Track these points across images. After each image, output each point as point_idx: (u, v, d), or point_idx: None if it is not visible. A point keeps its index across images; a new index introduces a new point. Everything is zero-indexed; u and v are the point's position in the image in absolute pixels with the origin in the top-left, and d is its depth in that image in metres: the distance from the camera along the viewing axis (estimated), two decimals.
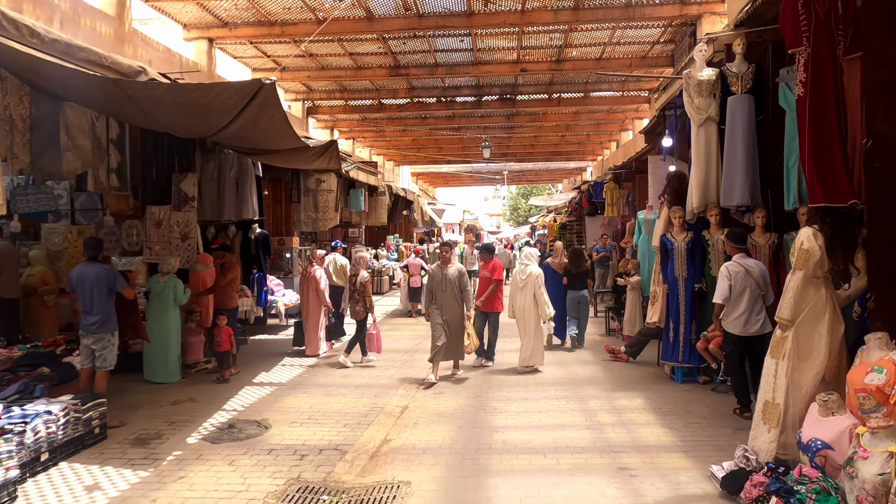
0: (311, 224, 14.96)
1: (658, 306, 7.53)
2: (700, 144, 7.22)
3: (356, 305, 8.91)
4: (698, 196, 7.19)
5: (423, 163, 28.64)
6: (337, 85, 17.13)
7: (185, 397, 7.11)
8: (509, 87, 17.29)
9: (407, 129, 21.36)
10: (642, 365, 8.31)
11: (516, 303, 8.43)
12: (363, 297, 8.87)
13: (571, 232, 21.50)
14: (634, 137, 19.64)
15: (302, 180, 14.98)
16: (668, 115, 10.08)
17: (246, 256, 11.17)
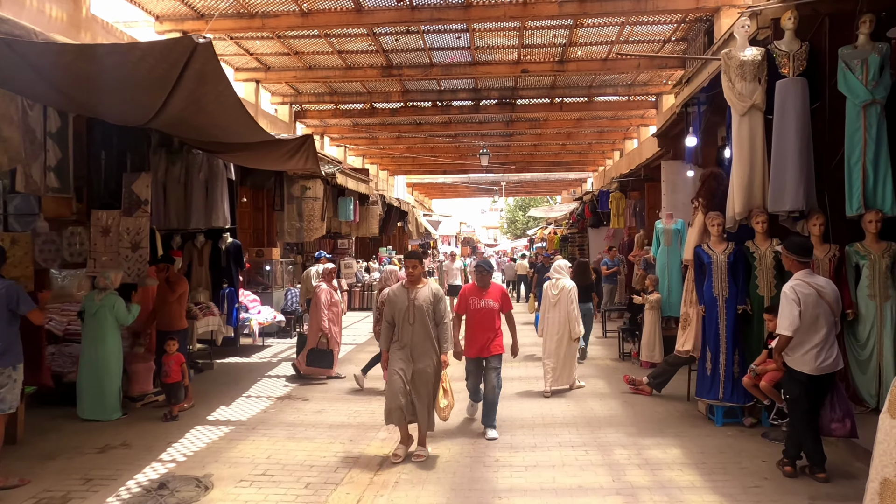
0: (296, 234, 13.68)
1: (692, 332, 6.19)
2: (743, 137, 5.93)
3: (377, 325, 7.62)
4: (741, 199, 5.89)
5: (418, 173, 27.37)
6: (326, 87, 15.88)
7: (119, 441, 5.73)
8: (509, 90, 16.07)
9: (401, 135, 20.11)
10: (669, 400, 6.95)
11: (548, 321, 7.63)
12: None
13: (573, 244, 20.21)
14: (640, 146, 18.41)
15: (286, 187, 13.71)
16: (690, 112, 8.83)
17: (216, 269, 9.83)
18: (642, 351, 8.67)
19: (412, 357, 5.25)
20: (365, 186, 15.80)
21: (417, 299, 5.25)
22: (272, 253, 12.12)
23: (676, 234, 8.89)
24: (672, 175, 11.78)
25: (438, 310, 5.32)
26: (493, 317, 6.01)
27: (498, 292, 6.08)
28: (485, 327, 5.99)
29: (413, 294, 5.30)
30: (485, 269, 6.13)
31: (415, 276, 5.36)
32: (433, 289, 5.42)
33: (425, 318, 5.23)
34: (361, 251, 19.88)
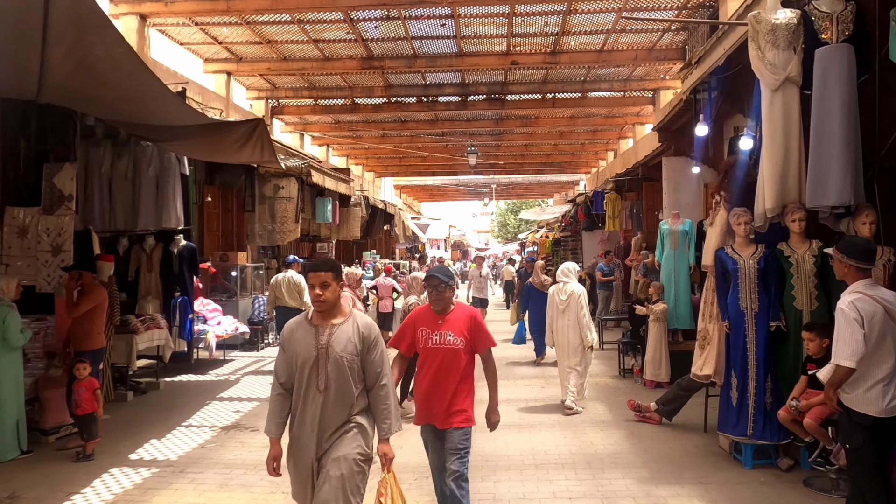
0: (267, 237, 12.49)
1: (712, 353, 5.07)
2: (775, 118, 4.82)
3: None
4: (773, 192, 4.78)
5: (406, 174, 26.22)
6: (304, 81, 14.71)
7: (6, 492, 4.54)
8: (498, 85, 14.95)
9: (386, 134, 18.96)
10: (683, 431, 5.83)
11: (558, 328, 6.93)
12: None
13: (566, 248, 19.12)
14: (636, 145, 17.35)
15: (257, 186, 12.53)
16: (700, 100, 7.74)
17: (168, 276, 8.64)
18: (646, 368, 7.55)
19: (317, 455, 2.99)
20: (345, 186, 14.63)
21: (332, 344, 3.01)
22: (238, 257, 10.91)
23: (684, 235, 7.80)
24: (674, 173, 10.72)
25: (372, 363, 3.07)
26: (455, 360, 3.57)
27: (464, 319, 3.64)
28: (442, 377, 3.58)
29: (329, 335, 3.03)
30: (440, 279, 3.60)
31: (327, 300, 3.03)
32: (362, 323, 3.12)
33: (345, 379, 3.01)
34: (344, 255, 18.70)
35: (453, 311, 3.68)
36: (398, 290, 10.86)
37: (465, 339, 3.62)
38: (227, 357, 9.78)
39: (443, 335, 3.61)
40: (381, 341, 3.18)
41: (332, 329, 3.06)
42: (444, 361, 3.60)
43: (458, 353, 3.60)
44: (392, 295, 10.98)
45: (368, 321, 3.21)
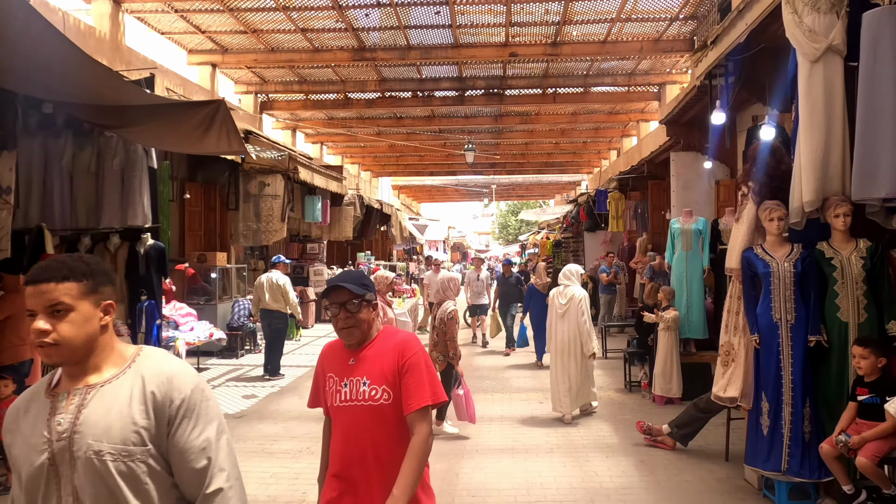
0: (252, 236, 11.77)
1: (738, 371, 4.27)
2: (815, 94, 4.03)
3: (433, 350, 5.80)
4: (812, 183, 3.98)
5: (404, 174, 25.45)
6: (294, 74, 13.96)
7: None
8: (497, 79, 14.17)
9: (382, 131, 18.20)
10: (700, 459, 5.03)
11: (556, 335, 6.37)
12: (445, 339, 5.74)
13: (567, 250, 18.32)
14: (640, 143, 16.56)
15: (241, 183, 11.82)
16: (715, 86, 6.95)
17: (134, 278, 7.88)
18: (655, 382, 6.75)
19: None
20: (337, 185, 13.88)
21: (80, 430, 1.54)
22: (217, 258, 10.14)
23: (697, 235, 7.00)
24: (683, 169, 9.94)
25: (183, 453, 1.60)
26: (377, 426, 2.20)
27: (389, 354, 2.24)
28: (357, 459, 2.20)
29: (69, 413, 1.56)
30: (348, 292, 2.25)
31: (59, 343, 1.54)
32: (152, 375, 1.63)
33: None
34: (338, 256, 17.95)
35: (375, 341, 2.26)
36: None
37: (391, 388, 2.18)
38: (201, 365, 9.02)
39: (354, 385, 2.19)
40: (204, 402, 1.69)
41: (83, 397, 1.57)
42: (358, 429, 2.17)
43: (382, 412, 2.16)
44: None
45: (170, 368, 1.67)
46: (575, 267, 6.58)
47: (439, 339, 5.78)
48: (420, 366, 2.21)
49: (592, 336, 6.36)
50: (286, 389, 7.66)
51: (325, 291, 2.31)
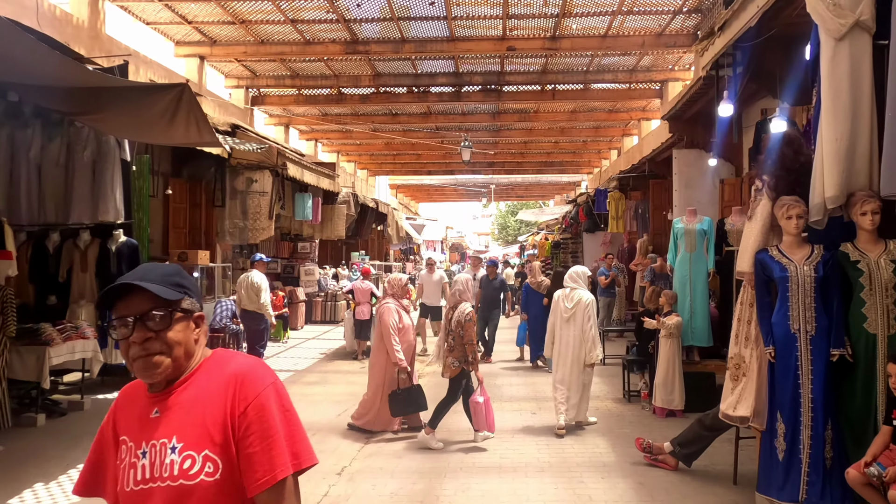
0: (238, 234, 11.29)
1: (750, 387, 3.79)
2: (839, 76, 3.56)
3: (449, 356, 5.43)
4: (835, 176, 3.52)
5: (401, 173, 24.99)
6: (286, 68, 13.50)
7: None
8: (494, 75, 13.71)
9: (377, 128, 17.72)
10: (706, 482, 4.55)
11: (560, 340, 5.95)
12: (462, 343, 5.36)
13: (566, 251, 17.86)
14: (641, 142, 16.09)
15: (228, 179, 11.34)
16: (723, 77, 6.48)
17: (105, 277, 7.42)
18: (656, 393, 6.28)
19: None
20: (329, 182, 13.40)
21: None
22: (199, 256, 9.67)
23: (702, 236, 6.53)
24: (686, 167, 9.48)
25: None
26: None
27: (221, 405, 1.39)
28: None
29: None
30: (155, 295, 1.39)
31: None
32: None
33: None
34: (332, 256, 17.49)
35: (193, 378, 1.45)
36: (376, 295, 9.63)
37: (219, 454, 1.37)
38: None
39: (156, 453, 1.38)
40: None
41: None
42: None
43: (202, 498, 1.35)
44: (370, 300, 9.74)
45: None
46: (582, 269, 6.16)
47: (456, 343, 5.44)
48: (270, 413, 1.38)
49: (597, 344, 5.95)
50: (340, 401, 7.19)
51: (103, 295, 1.42)
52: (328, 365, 9.16)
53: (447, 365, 5.46)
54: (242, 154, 11.07)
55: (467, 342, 5.35)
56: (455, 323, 5.40)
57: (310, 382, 7.93)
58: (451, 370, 5.42)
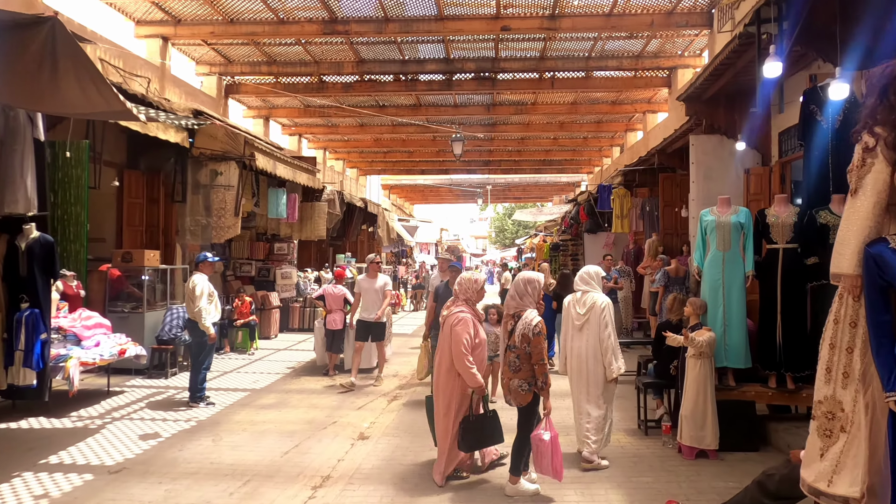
0: (201, 233, 9.97)
1: (856, 450, 2.45)
2: None
3: (514, 377, 4.18)
4: None
5: (393, 172, 23.66)
6: (261, 53, 12.20)
7: None
8: (488, 61, 12.41)
9: (364, 122, 16.43)
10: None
11: (573, 352, 4.93)
12: (530, 362, 4.12)
13: (566, 254, 16.52)
14: (647, 136, 14.79)
15: (190, 172, 10.02)
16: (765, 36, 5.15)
17: (14, 279, 6.08)
18: (682, 427, 4.93)
19: None
20: (308, 177, 12.07)
21: None
22: (146, 257, 8.33)
23: (737, 230, 5.19)
24: (705, 155, 8.15)
25: None
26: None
27: None
28: None
29: None
30: None
31: None
32: None
33: None
34: (316, 258, 16.13)
35: None
36: (350, 301, 8.29)
37: None
38: (115, 388, 7.21)
39: None
40: None
41: None
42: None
43: None
44: (344, 307, 8.40)
45: None
46: (594, 268, 4.99)
47: (522, 361, 4.16)
48: None
49: (618, 354, 4.79)
50: (204, 425, 5.86)
51: None
52: (292, 382, 7.80)
53: (513, 390, 4.18)
54: (205, 143, 9.81)
55: (536, 360, 4.09)
56: (519, 337, 4.13)
57: (264, 406, 6.58)
58: (521, 396, 4.15)
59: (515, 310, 4.28)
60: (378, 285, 7.85)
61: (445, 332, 4.43)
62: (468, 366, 4.26)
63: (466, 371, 4.27)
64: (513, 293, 4.34)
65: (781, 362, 5.04)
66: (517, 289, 4.32)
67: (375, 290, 7.79)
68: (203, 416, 6.17)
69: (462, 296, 4.56)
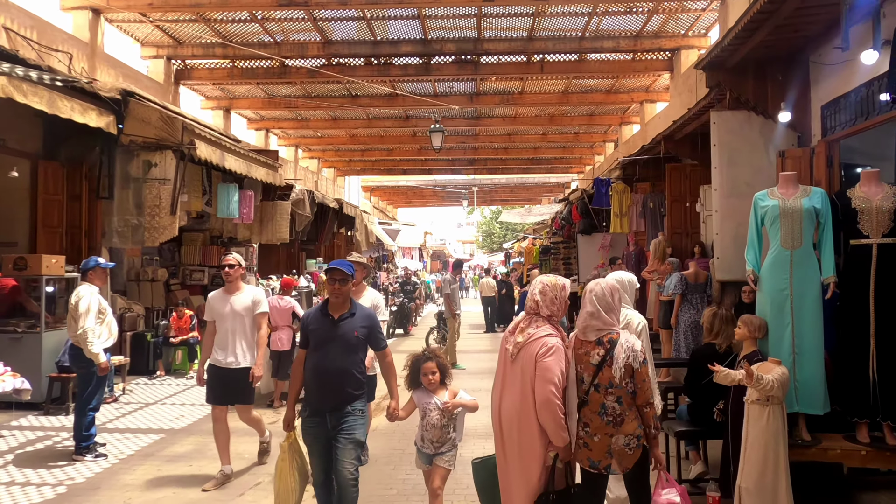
0: (131, 234, 8.36)
1: None
2: None
3: (617, 431, 2.82)
4: None
5: (373, 172, 22.01)
6: (214, 33, 10.55)
7: None
8: (470, 42, 10.84)
9: (337, 116, 14.81)
10: None
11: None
12: (634, 403, 2.78)
13: (557, 257, 14.96)
14: (644, 129, 13.29)
15: (118, 163, 8.41)
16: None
17: None
18: (742, 500, 3.33)
19: None
20: (266, 172, 10.41)
21: None
22: (42, 264, 6.63)
23: (810, 219, 3.62)
24: (729, 134, 6.58)
25: None
26: None
27: None
28: None
29: None
30: None
31: None
32: None
33: None
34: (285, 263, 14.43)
35: None
36: (299, 316, 6.65)
37: None
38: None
39: None
40: None
41: None
42: None
43: None
44: (292, 324, 6.76)
45: None
46: (627, 276, 3.54)
47: (625, 406, 2.76)
48: None
49: (656, 394, 3.32)
50: (75, 493, 4.19)
51: None
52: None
53: (617, 451, 2.75)
54: (137, 129, 8.16)
55: (645, 402, 2.78)
56: (621, 370, 2.75)
57: (173, 457, 4.91)
58: (628, 456, 2.75)
59: (599, 334, 2.82)
60: (242, 303, 4.54)
61: (524, 364, 2.85)
62: (558, 416, 2.74)
63: (553, 422, 2.74)
64: (592, 310, 2.86)
65: (876, 406, 3.49)
66: (601, 302, 2.86)
67: (236, 312, 4.49)
68: (82, 476, 4.51)
69: (545, 309, 2.92)
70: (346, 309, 3.38)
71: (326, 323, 3.35)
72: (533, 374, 2.79)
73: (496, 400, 2.98)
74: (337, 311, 3.37)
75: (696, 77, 10.08)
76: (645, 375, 2.75)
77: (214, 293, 4.66)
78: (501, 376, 2.98)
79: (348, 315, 3.36)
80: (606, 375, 2.74)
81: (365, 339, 3.40)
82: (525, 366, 2.84)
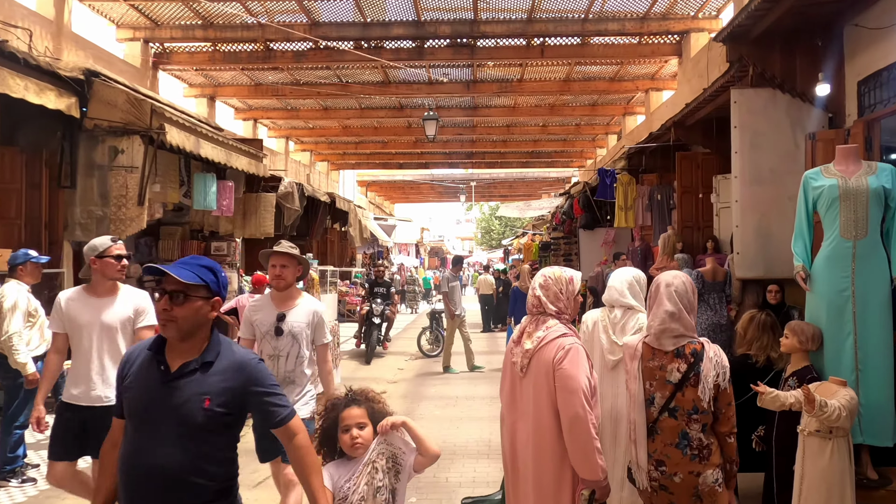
0: (95, 227, 7.61)
1: None
2: None
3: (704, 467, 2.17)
4: None
5: (368, 166, 21.26)
6: (194, 14, 9.81)
7: None
8: (466, 24, 10.10)
9: (328, 105, 14.07)
10: None
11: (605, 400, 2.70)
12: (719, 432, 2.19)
13: (557, 254, 14.24)
14: (650, 117, 12.55)
15: (82, 149, 7.67)
16: None
17: None
18: None
19: None
20: (247, 162, 9.67)
21: None
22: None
23: (878, 202, 2.88)
24: (752, 115, 5.85)
25: None
26: None
27: None
28: None
29: None
30: None
31: None
32: None
33: None
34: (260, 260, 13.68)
35: None
36: None
37: None
38: None
39: None
40: None
41: None
42: None
43: None
44: None
45: None
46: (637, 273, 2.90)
47: (706, 437, 2.21)
48: None
49: None
50: None
51: None
52: None
53: (706, 491, 2.16)
54: (102, 112, 7.42)
55: (729, 431, 2.21)
56: (710, 390, 2.15)
57: None
58: (717, 496, 2.19)
59: (678, 342, 2.20)
60: (116, 315, 3.15)
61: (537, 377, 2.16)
62: (591, 439, 2.02)
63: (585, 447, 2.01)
64: (673, 309, 2.22)
65: None
66: (682, 300, 2.23)
67: (105, 325, 3.12)
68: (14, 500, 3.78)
69: (551, 307, 2.28)
70: (196, 353, 1.79)
71: (154, 378, 1.77)
72: (552, 387, 2.09)
73: (508, 428, 2.26)
74: (177, 357, 1.79)
75: (706, 61, 9.35)
76: (731, 397, 2.15)
77: (71, 293, 3.18)
78: (510, 396, 2.26)
79: (196, 366, 1.77)
80: (689, 397, 2.12)
81: (229, 412, 1.78)
82: (539, 379, 2.14)
